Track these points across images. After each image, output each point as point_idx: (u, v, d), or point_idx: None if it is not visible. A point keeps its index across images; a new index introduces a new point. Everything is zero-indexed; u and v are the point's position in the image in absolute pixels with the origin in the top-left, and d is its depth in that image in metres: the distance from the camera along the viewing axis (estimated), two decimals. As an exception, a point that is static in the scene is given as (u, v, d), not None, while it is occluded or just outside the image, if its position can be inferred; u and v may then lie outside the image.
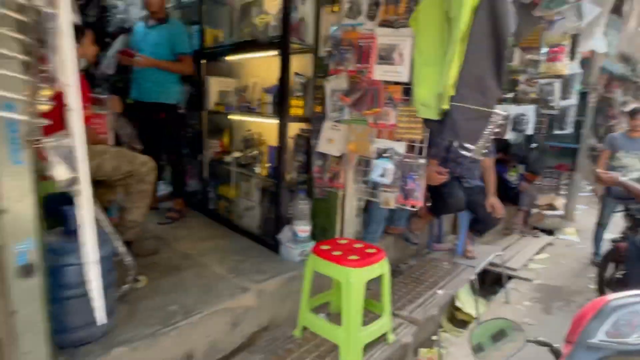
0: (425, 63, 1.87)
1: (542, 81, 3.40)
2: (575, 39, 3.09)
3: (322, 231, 2.65)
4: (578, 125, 4.71)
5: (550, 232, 4.85)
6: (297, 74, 2.58)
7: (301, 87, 2.59)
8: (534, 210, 4.95)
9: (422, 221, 3.44)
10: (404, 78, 2.09)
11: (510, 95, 3.66)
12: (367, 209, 2.94)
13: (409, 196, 2.26)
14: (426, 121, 1.96)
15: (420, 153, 2.23)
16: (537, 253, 4.16)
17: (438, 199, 3.19)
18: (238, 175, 3.13)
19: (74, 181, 0.91)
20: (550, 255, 4.17)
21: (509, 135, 3.72)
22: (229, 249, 2.67)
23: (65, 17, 0.84)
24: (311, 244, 2.49)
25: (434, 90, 1.76)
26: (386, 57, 2.18)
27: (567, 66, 3.10)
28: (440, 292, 2.80)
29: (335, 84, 2.42)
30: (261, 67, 3.04)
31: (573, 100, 3.37)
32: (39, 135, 1.11)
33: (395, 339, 2.17)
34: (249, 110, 2.91)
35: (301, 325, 2.14)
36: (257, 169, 2.88)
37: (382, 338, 2.12)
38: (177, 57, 3.00)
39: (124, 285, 1.90)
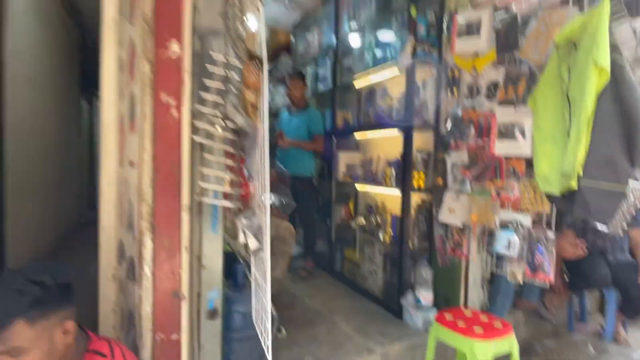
0: (545, 140, 1.93)
1: None
2: None
3: (445, 300, 2.69)
4: None
5: None
6: (418, 150, 2.82)
7: (422, 161, 2.81)
8: None
9: (559, 297, 3.16)
10: (526, 153, 2.16)
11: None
12: (494, 280, 2.87)
13: (538, 270, 2.21)
14: (549, 195, 1.98)
15: (548, 225, 2.19)
16: None
17: (577, 274, 2.94)
18: (362, 239, 3.39)
19: (259, 249, 1.27)
20: None
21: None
22: (355, 309, 2.88)
23: (265, 137, 1.25)
24: (433, 312, 2.54)
25: (555, 167, 1.81)
26: (506, 134, 2.29)
27: None
28: (584, 380, 2.50)
29: (456, 157, 2.58)
30: (385, 143, 3.37)
31: None
32: (231, 214, 1.54)
33: None
34: (374, 181, 3.22)
35: (425, 394, 2.17)
36: (381, 236, 3.11)
37: (513, 421, 2.01)
38: (313, 137, 3.54)
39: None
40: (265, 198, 1.23)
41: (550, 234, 2.18)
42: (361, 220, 3.44)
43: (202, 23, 1.48)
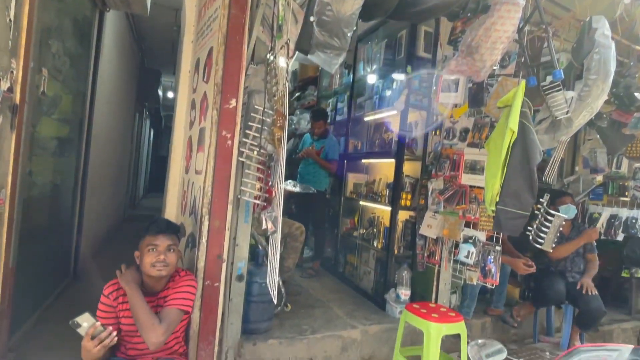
0: (492, 176, 2.61)
1: (653, 188, 3.57)
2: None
3: (420, 297, 3.34)
4: None
5: None
6: (407, 175, 3.53)
7: (410, 185, 3.51)
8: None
9: (524, 309, 3.72)
10: (483, 185, 2.84)
11: (625, 199, 3.86)
12: (465, 286, 3.49)
13: (487, 275, 2.85)
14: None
15: (496, 242, 2.85)
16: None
17: (537, 290, 3.51)
18: (361, 247, 4.09)
19: (274, 231, 2.02)
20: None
21: (620, 237, 3.83)
22: (348, 301, 3.57)
23: (282, 161, 2.01)
24: (409, 305, 3.21)
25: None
26: (472, 168, 2.98)
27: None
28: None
29: (435, 184, 3.28)
30: (386, 167, 4.09)
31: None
32: (258, 210, 2.31)
33: (469, 392, 2.65)
34: (374, 199, 3.93)
35: (394, 364, 2.83)
36: (375, 243, 3.80)
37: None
38: (329, 161, 4.30)
39: (279, 306, 2.97)
40: (280, 199, 1.99)
41: (498, 248, 2.83)
42: (362, 230, 4.14)
43: (250, 85, 2.29)
